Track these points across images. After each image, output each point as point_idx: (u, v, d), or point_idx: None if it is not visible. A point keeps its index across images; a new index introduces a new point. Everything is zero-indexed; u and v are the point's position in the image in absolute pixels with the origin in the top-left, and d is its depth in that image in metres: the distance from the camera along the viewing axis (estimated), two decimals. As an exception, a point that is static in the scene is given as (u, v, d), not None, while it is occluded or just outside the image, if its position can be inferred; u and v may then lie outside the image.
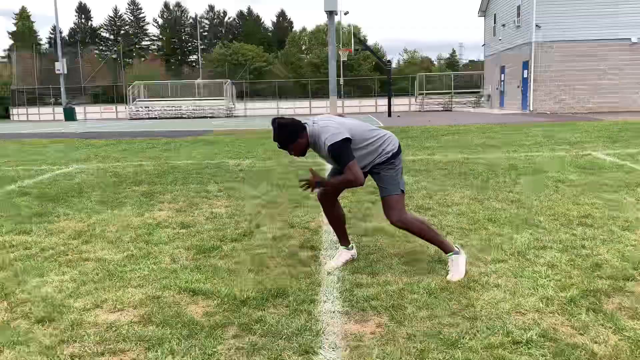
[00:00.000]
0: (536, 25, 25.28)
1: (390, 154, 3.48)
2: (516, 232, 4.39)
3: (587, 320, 2.76)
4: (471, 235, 4.35)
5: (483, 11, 34.14)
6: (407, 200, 5.72)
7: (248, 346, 2.57)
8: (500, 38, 30.45)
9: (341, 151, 3.31)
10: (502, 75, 30.79)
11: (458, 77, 41.38)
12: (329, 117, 3.53)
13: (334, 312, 2.95)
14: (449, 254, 3.49)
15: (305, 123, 3.43)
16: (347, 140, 3.31)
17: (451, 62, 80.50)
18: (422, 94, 37.59)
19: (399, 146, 3.56)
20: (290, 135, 3.36)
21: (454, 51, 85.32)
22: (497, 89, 32.02)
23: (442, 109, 36.32)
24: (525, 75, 26.82)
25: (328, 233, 4.51)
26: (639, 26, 24.78)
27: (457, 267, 3.43)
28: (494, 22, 31.86)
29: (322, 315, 2.91)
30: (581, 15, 25.03)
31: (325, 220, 4.91)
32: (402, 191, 3.53)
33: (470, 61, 78.46)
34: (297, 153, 3.45)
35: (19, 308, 3.08)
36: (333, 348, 2.55)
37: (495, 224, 4.66)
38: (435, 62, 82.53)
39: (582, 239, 4.15)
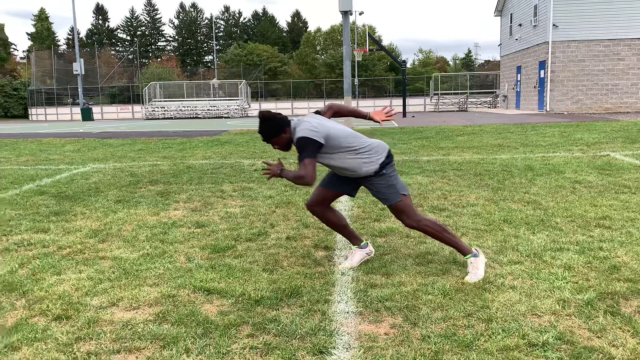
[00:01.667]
0: (553, 25, 25.02)
1: (378, 165, 3.43)
2: (532, 233, 4.35)
3: (604, 323, 2.72)
4: (487, 236, 4.32)
5: (499, 11, 33.87)
6: (422, 201, 5.71)
7: (262, 346, 2.58)
8: (516, 38, 30.19)
9: (305, 146, 3.33)
10: (519, 75, 30.53)
11: (474, 77, 41.12)
12: (315, 117, 3.55)
13: (347, 312, 2.94)
14: (467, 256, 3.47)
15: (291, 119, 3.49)
16: (316, 142, 3.32)
17: (467, 62, 79.99)
18: (437, 94, 37.42)
19: (388, 155, 3.49)
20: (273, 129, 3.42)
21: (469, 51, 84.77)
22: (513, 89, 31.75)
23: (457, 109, 36.13)
24: (541, 75, 26.56)
25: (342, 233, 4.50)
26: (659, 25, 24.42)
27: (476, 269, 3.40)
28: (511, 22, 31.60)
29: (336, 315, 2.91)
30: (599, 15, 24.73)
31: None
32: (405, 194, 3.50)
33: (485, 61, 77.91)
34: (280, 147, 3.51)
35: (37, 305, 3.12)
36: (347, 348, 2.55)
37: (511, 225, 4.62)
38: (451, 62, 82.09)
39: (600, 240, 4.10)
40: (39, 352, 2.56)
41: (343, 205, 5.62)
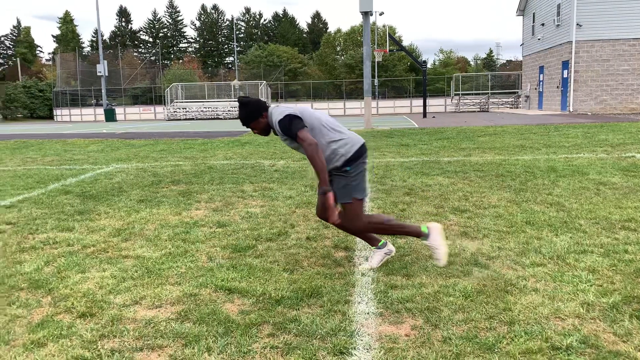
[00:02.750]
0: (577, 24, 24.65)
1: (343, 160, 3.42)
2: (555, 235, 4.29)
3: (630, 327, 2.67)
4: (509, 238, 4.27)
5: (521, 10, 33.48)
6: (443, 202, 5.67)
7: (283, 345, 2.59)
8: (539, 37, 29.81)
9: (289, 124, 3.38)
10: (541, 75, 30.13)
11: (495, 77, 40.71)
12: (293, 105, 3.60)
13: (368, 313, 2.94)
14: (422, 239, 3.62)
15: (269, 105, 3.57)
16: (295, 116, 3.38)
17: (488, 62, 79.21)
18: (458, 94, 37.12)
19: (359, 152, 3.45)
20: (251, 114, 3.50)
21: (490, 51, 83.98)
22: (535, 89, 31.35)
23: (478, 109, 35.81)
24: (565, 75, 26.18)
25: (362, 234, 4.50)
26: (686, 24, 23.90)
27: (437, 249, 3.57)
28: (533, 21, 31.21)
29: (356, 316, 2.90)
30: (624, 13, 24.29)
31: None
32: (358, 199, 3.48)
33: (507, 61, 77.05)
34: (259, 132, 3.59)
35: (62, 303, 3.18)
36: (367, 349, 2.54)
37: (533, 226, 4.57)
38: (472, 62, 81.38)
39: (625, 243, 4.03)
40: (64, 348, 2.61)
41: (363, 206, 5.61)
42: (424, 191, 6.30)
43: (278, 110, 3.48)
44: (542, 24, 29.22)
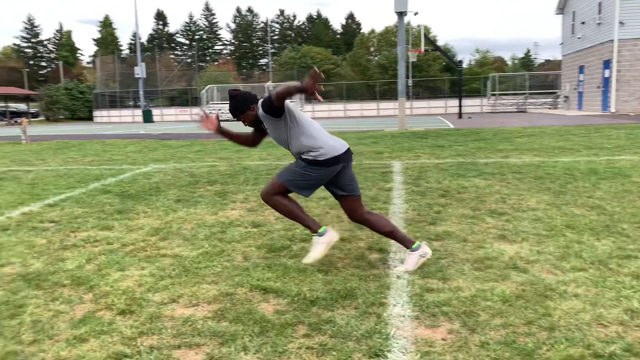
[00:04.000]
0: (619, 22, 23.93)
1: (311, 158, 3.52)
2: (597, 239, 4.17)
3: (677, 336, 2.58)
4: (548, 241, 4.17)
5: (561, 8, 32.71)
6: (480, 204, 5.59)
7: (318, 346, 2.60)
8: (579, 36, 29.06)
9: (268, 98, 3.45)
10: (581, 75, 29.37)
11: (533, 77, 39.87)
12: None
13: (403, 316, 2.91)
14: (314, 236, 3.69)
15: (259, 99, 3.64)
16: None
17: (525, 62, 77.65)
18: (495, 94, 36.50)
19: (329, 162, 3.51)
20: (239, 106, 3.60)
21: (528, 50, 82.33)
22: (574, 89, 30.58)
23: (515, 110, 35.12)
24: (606, 75, 25.44)
25: (397, 236, 4.46)
26: None
27: (315, 250, 3.67)
28: (573, 20, 30.45)
29: (391, 318, 2.89)
30: (670, 10, 23.45)
31: (394, 222, 4.88)
32: (284, 182, 3.61)
33: (546, 60, 75.40)
34: (249, 124, 3.69)
35: (103, 300, 3.26)
36: (403, 352, 2.52)
37: (574, 230, 4.45)
38: (509, 62, 79.92)
39: (672, 248, 3.88)
40: (105, 344, 2.68)
41: (397, 207, 5.58)
42: (460, 193, 6.21)
43: (262, 98, 3.60)
44: (583, 23, 28.48)
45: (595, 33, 26.63)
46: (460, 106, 28.27)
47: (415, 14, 46.09)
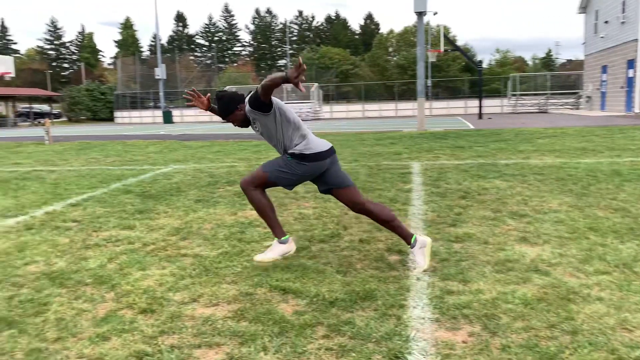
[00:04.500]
0: (644, 21, 23.49)
1: (297, 152, 3.58)
2: (621, 242, 4.10)
3: None
4: (571, 244, 4.11)
5: (583, 7, 32.24)
6: (501, 206, 5.53)
7: (337, 347, 2.59)
8: (602, 35, 28.61)
9: (254, 93, 3.48)
10: (604, 74, 28.90)
11: (554, 77, 39.35)
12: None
13: (423, 318, 2.90)
14: (276, 239, 3.79)
15: (246, 98, 3.67)
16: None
17: (547, 62, 76.68)
18: (516, 94, 36.11)
19: (314, 157, 3.59)
20: (227, 107, 3.65)
21: (549, 50, 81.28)
22: (597, 89, 30.10)
23: (537, 110, 34.71)
24: (630, 75, 25.00)
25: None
26: None
27: (271, 251, 3.77)
28: (596, 19, 29.98)
29: (411, 320, 2.87)
30: (697, 8, 22.96)
31: (413, 223, 4.86)
32: (269, 178, 3.68)
33: (567, 60, 74.39)
34: (239, 124, 3.74)
35: (124, 298, 3.30)
36: (423, 355, 2.51)
37: (597, 233, 4.38)
38: (530, 62, 79.01)
39: (699, 252, 3.80)
40: (127, 343, 2.71)
41: (417, 209, 5.55)
42: (481, 195, 6.15)
43: (249, 95, 3.63)
44: (606, 22, 28.03)
45: (619, 32, 26.19)
46: (480, 106, 28.02)
47: (435, 13, 45.82)
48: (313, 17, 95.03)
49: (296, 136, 3.61)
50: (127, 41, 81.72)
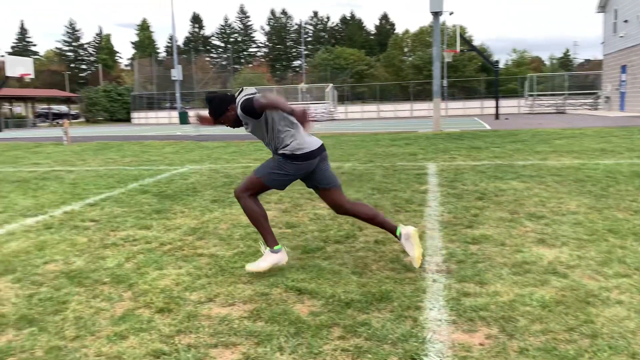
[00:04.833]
0: (665, 20, 23.11)
1: (288, 152, 3.57)
2: (641, 245, 4.04)
3: None
4: (589, 246, 4.06)
5: (602, 7, 31.81)
6: (518, 207, 5.48)
7: (353, 348, 2.59)
8: (621, 35, 28.20)
9: (250, 101, 3.45)
10: (623, 74, 28.48)
11: (572, 77, 38.88)
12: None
13: (440, 320, 2.88)
14: (267, 248, 3.71)
15: (236, 99, 3.66)
16: (254, 97, 3.47)
17: (564, 62, 75.82)
18: (533, 95, 35.75)
19: (305, 156, 3.58)
20: (218, 109, 3.66)
21: (567, 50, 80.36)
22: (616, 89, 29.68)
23: (554, 111, 34.32)
24: (650, 74, 24.59)
25: (432, 239, 4.42)
26: None
27: (264, 260, 3.65)
28: (615, 18, 29.56)
29: (427, 322, 2.85)
30: None
31: (429, 224, 4.83)
32: (263, 182, 3.65)
33: (585, 60, 73.49)
34: (230, 125, 3.73)
35: (142, 298, 3.33)
36: (440, 357, 2.49)
37: (616, 235, 4.32)
38: (547, 62, 78.19)
39: None
40: (144, 341, 2.73)
41: (433, 210, 5.52)
42: (498, 196, 6.10)
43: (242, 98, 3.61)
44: (625, 21, 27.62)
45: (639, 31, 25.79)
46: (497, 107, 27.79)
47: (451, 13, 45.52)
48: (328, 18, 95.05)
49: (287, 136, 3.61)
50: (144, 42, 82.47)
